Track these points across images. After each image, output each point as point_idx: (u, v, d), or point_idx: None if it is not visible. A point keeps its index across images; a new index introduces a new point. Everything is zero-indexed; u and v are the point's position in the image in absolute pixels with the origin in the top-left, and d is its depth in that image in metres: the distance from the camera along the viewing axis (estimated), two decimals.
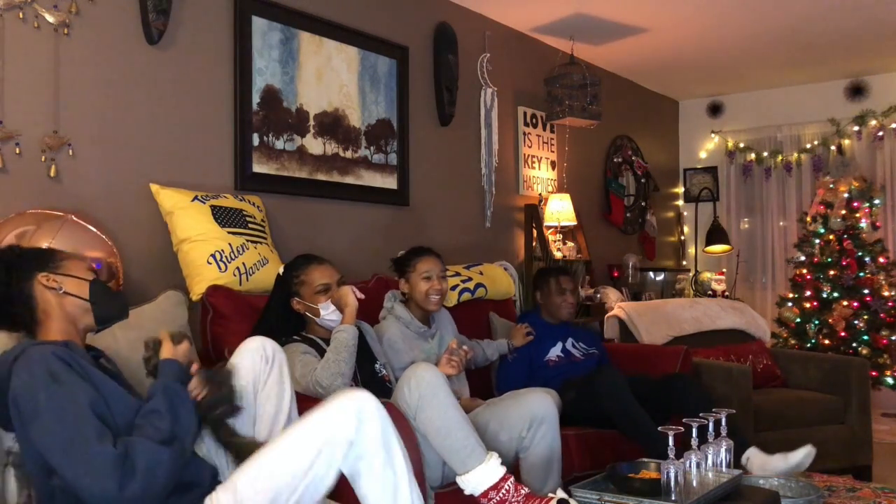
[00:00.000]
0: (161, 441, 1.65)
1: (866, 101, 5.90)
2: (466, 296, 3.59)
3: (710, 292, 5.65)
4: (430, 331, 2.97)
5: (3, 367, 1.72)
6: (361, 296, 2.56)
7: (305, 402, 2.12)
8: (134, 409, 1.74)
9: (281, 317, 2.58)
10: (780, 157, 6.26)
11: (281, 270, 2.65)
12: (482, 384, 3.36)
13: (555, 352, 3.43)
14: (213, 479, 1.83)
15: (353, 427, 1.76)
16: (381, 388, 2.53)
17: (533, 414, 2.49)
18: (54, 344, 1.75)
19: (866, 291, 5.07)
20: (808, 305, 5.22)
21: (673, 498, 2.15)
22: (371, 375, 2.56)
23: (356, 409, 1.78)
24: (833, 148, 6.00)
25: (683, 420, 2.33)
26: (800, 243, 5.46)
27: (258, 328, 2.52)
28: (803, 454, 2.89)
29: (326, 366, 2.34)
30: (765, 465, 2.88)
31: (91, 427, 1.59)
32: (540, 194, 4.97)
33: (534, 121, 4.99)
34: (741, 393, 3.57)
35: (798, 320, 5.25)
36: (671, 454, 2.19)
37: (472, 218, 4.50)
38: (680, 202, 6.77)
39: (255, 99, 3.27)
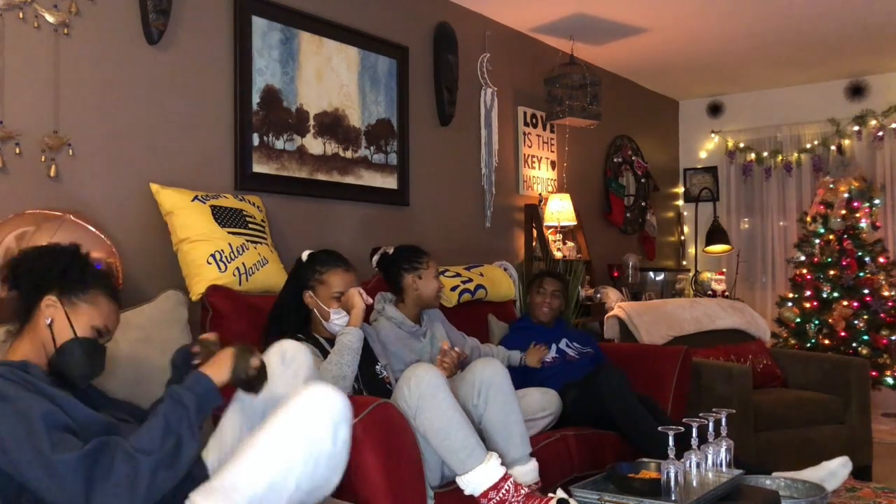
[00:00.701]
0: (149, 451, 1.58)
1: (866, 101, 5.90)
2: (466, 297, 3.60)
3: (710, 292, 5.65)
4: (422, 329, 2.97)
5: None
6: (370, 300, 2.53)
7: None
8: (99, 423, 1.67)
9: (290, 305, 2.57)
10: (780, 157, 6.26)
11: (304, 256, 2.61)
12: None
13: (549, 352, 3.44)
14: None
15: (329, 441, 1.72)
16: (382, 390, 2.53)
17: (480, 380, 2.47)
18: (5, 365, 1.69)
19: (866, 291, 5.07)
20: (808, 305, 5.22)
21: (673, 498, 2.15)
22: (372, 377, 2.56)
23: (332, 421, 1.72)
24: (833, 148, 6.00)
25: (683, 420, 2.33)
26: (800, 243, 5.46)
27: (271, 314, 2.57)
28: (838, 464, 2.80)
29: (329, 368, 2.33)
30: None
31: (45, 438, 1.53)
32: (540, 194, 4.97)
33: (534, 121, 4.99)
34: (741, 393, 3.57)
35: (798, 320, 5.25)
36: (671, 454, 2.19)
37: (472, 218, 4.50)
38: (680, 202, 6.77)
39: (255, 99, 3.27)
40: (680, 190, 6.78)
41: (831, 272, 5.17)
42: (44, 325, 1.79)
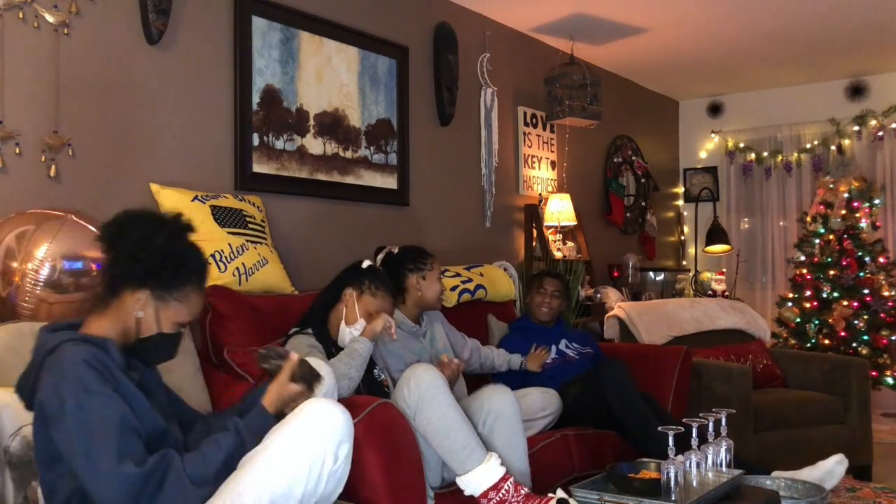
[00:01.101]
0: (201, 483, 1.61)
1: (866, 101, 5.90)
2: (466, 297, 3.59)
3: (710, 292, 5.65)
4: (422, 329, 2.98)
5: (37, 356, 1.68)
6: (393, 337, 2.55)
7: None
8: (155, 427, 1.69)
9: (328, 295, 2.62)
10: (780, 157, 6.26)
11: (365, 263, 2.66)
12: (480, 384, 3.35)
13: (549, 354, 3.43)
14: None
15: (332, 458, 1.73)
16: (380, 393, 2.53)
17: (487, 409, 2.47)
18: (89, 343, 1.66)
19: (866, 291, 5.07)
20: (808, 305, 5.22)
21: (673, 498, 2.15)
22: (370, 380, 2.57)
23: (336, 439, 1.74)
24: (833, 148, 6.00)
25: (683, 420, 2.33)
26: (800, 243, 5.47)
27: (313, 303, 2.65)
28: (834, 462, 2.81)
29: (337, 365, 2.34)
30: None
31: (115, 444, 1.55)
32: (540, 194, 4.97)
33: (534, 121, 4.99)
34: (741, 393, 3.57)
35: (798, 320, 5.25)
36: (671, 454, 2.19)
37: (472, 218, 4.50)
38: (680, 202, 6.77)
39: (255, 99, 3.27)
40: (680, 190, 6.78)
41: (831, 272, 5.17)
42: (130, 312, 1.75)
